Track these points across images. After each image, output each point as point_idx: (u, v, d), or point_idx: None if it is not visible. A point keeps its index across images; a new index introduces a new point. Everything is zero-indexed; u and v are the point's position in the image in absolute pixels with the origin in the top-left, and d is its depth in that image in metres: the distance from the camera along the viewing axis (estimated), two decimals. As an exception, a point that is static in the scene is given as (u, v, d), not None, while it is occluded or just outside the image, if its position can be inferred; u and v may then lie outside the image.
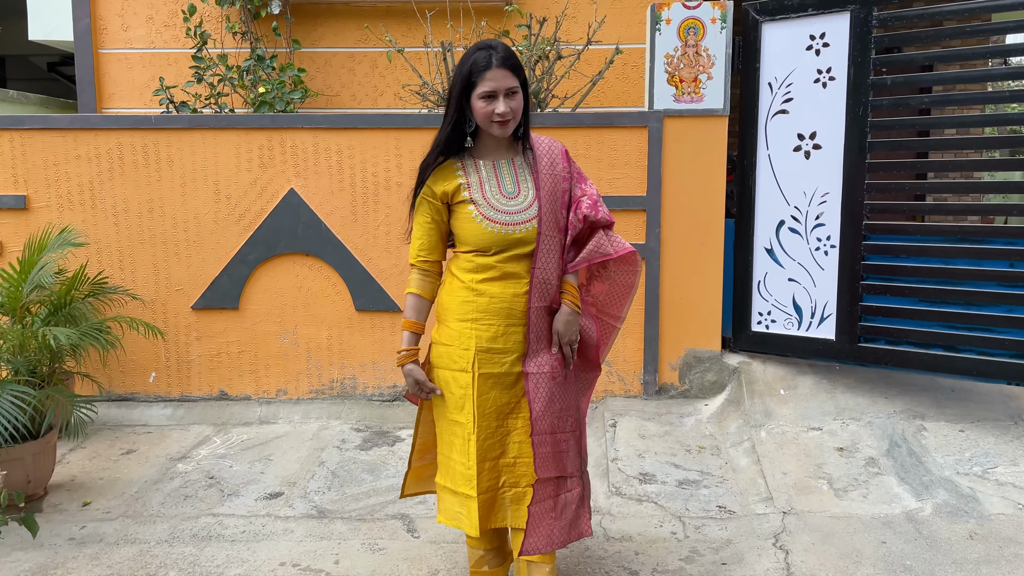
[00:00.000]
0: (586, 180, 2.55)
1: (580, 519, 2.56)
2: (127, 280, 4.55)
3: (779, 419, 4.07)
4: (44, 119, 4.51)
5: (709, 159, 4.31)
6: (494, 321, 2.44)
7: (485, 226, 2.40)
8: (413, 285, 2.54)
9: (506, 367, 2.45)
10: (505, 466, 2.49)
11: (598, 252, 2.49)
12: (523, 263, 2.45)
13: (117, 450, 4.15)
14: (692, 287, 4.39)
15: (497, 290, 2.44)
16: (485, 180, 2.44)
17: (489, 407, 2.45)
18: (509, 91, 2.33)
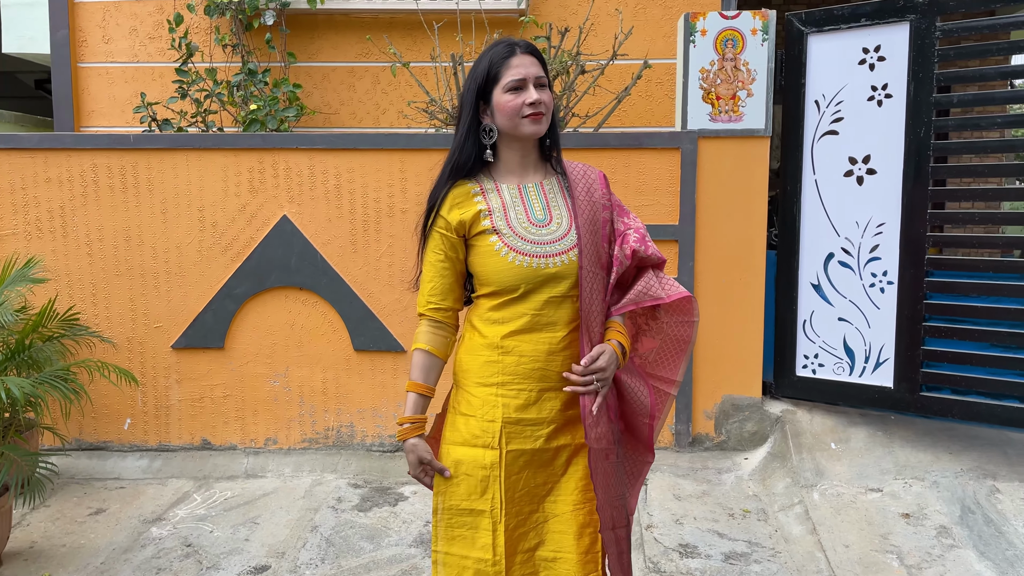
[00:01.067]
0: (628, 213, 2.12)
1: None
2: (100, 316, 4.10)
3: (832, 478, 3.61)
4: (10, 138, 4.08)
5: (749, 184, 3.88)
6: (525, 385, 1.97)
7: (512, 259, 1.95)
8: (421, 339, 2.06)
9: (540, 442, 1.97)
10: (543, 560, 2.00)
11: (647, 295, 2.03)
12: (561, 309, 1.97)
13: (85, 509, 3.68)
14: (729, 327, 3.95)
15: (528, 347, 1.97)
16: (510, 205, 1.99)
17: (520, 490, 1.98)
18: (539, 81, 1.95)
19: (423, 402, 2.04)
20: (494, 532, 1.97)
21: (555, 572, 1.98)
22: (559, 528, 1.99)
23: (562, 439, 2.00)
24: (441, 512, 2.02)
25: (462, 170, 2.01)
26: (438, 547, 2.04)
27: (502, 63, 1.96)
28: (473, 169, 2.03)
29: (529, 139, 2.00)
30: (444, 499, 2.02)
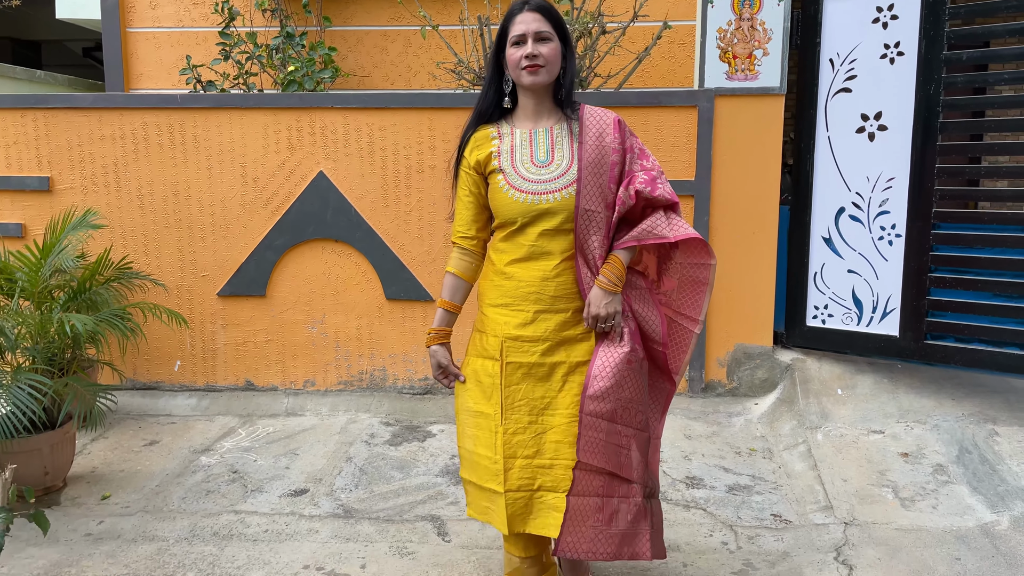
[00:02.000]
0: (648, 156, 2.30)
1: (638, 537, 2.25)
2: (152, 265, 4.40)
3: (837, 421, 3.79)
4: (68, 98, 4.37)
5: (763, 141, 4.03)
6: (523, 307, 2.25)
7: (511, 195, 2.21)
8: (450, 264, 2.39)
9: (536, 356, 2.24)
10: (540, 467, 2.26)
11: (651, 233, 2.21)
12: (555, 241, 2.22)
13: (140, 441, 4.00)
14: (742, 278, 4.12)
15: (525, 273, 2.24)
16: (518, 147, 2.25)
17: (519, 399, 2.25)
18: (539, 35, 2.17)
19: (448, 317, 2.38)
20: (496, 434, 2.26)
21: (551, 477, 2.24)
22: (556, 438, 2.24)
23: (558, 356, 2.24)
24: (459, 413, 2.36)
25: (484, 116, 2.31)
26: (460, 443, 2.38)
27: (510, 20, 2.22)
28: (495, 115, 2.31)
29: (533, 89, 2.21)
30: (461, 401, 2.36)
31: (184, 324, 4.12)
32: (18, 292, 3.61)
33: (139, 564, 2.90)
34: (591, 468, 2.21)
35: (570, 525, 2.21)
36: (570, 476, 2.22)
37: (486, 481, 2.29)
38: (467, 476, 2.37)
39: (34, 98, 4.39)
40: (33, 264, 3.54)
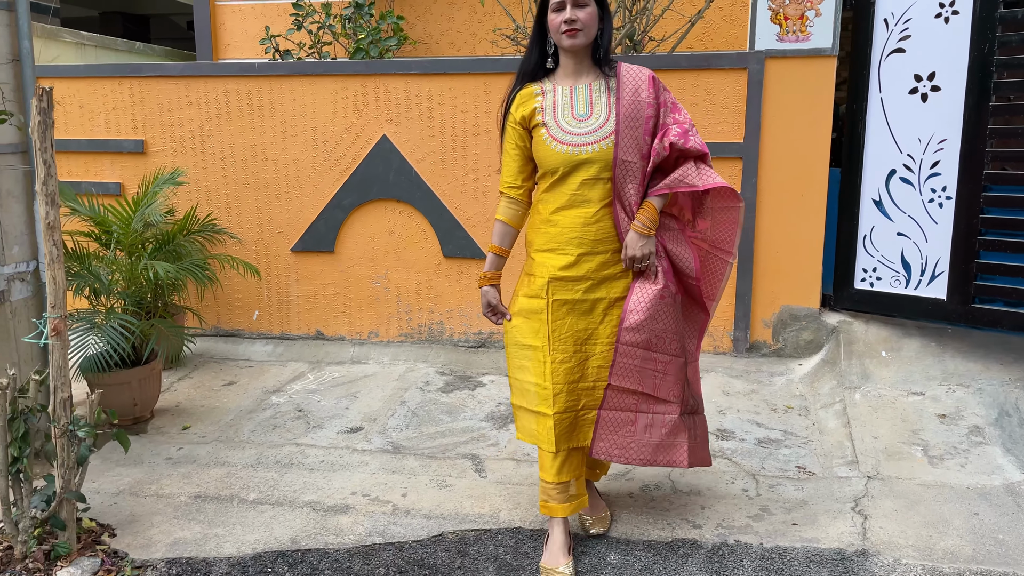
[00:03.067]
0: (680, 110, 2.47)
1: (676, 448, 2.52)
2: (232, 222, 4.78)
3: (877, 382, 3.82)
4: (159, 67, 4.76)
5: (814, 103, 4.03)
6: (567, 250, 2.47)
7: (553, 147, 2.41)
8: (499, 212, 2.60)
9: (579, 293, 2.48)
10: (584, 390, 2.53)
11: (682, 181, 2.41)
12: (594, 189, 2.43)
13: (220, 381, 4.40)
14: (790, 240, 4.15)
15: (567, 221, 2.46)
16: (559, 103, 2.44)
17: (565, 332, 2.49)
18: (577, 1, 2.34)
19: (498, 260, 2.62)
20: (544, 363, 2.50)
21: (593, 397, 2.53)
22: (597, 363, 2.51)
23: (599, 293, 2.49)
24: (509, 346, 2.62)
25: (528, 75, 2.53)
26: (511, 374, 2.63)
27: None
28: (538, 74, 2.52)
29: (572, 50, 2.40)
30: (510, 336, 2.61)
31: (257, 275, 4.48)
32: (114, 243, 4.03)
33: (209, 484, 3.26)
34: (623, 389, 2.48)
35: (601, 432, 2.51)
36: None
37: (536, 405, 2.53)
38: (518, 402, 2.62)
39: (129, 67, 4.80)
40: (124, 217, 3.94)
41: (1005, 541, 2.68)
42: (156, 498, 3.17)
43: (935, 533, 2.73)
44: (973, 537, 2.70)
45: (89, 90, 4.82)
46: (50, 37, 5.06)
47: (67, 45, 5.20)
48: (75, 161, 4.91)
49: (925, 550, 2.64)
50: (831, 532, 2.77)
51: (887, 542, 2.70)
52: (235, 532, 2.91)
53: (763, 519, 2.88)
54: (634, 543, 2.76)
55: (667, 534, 2.81)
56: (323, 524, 2.94)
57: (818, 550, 2.68)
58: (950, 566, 2.55)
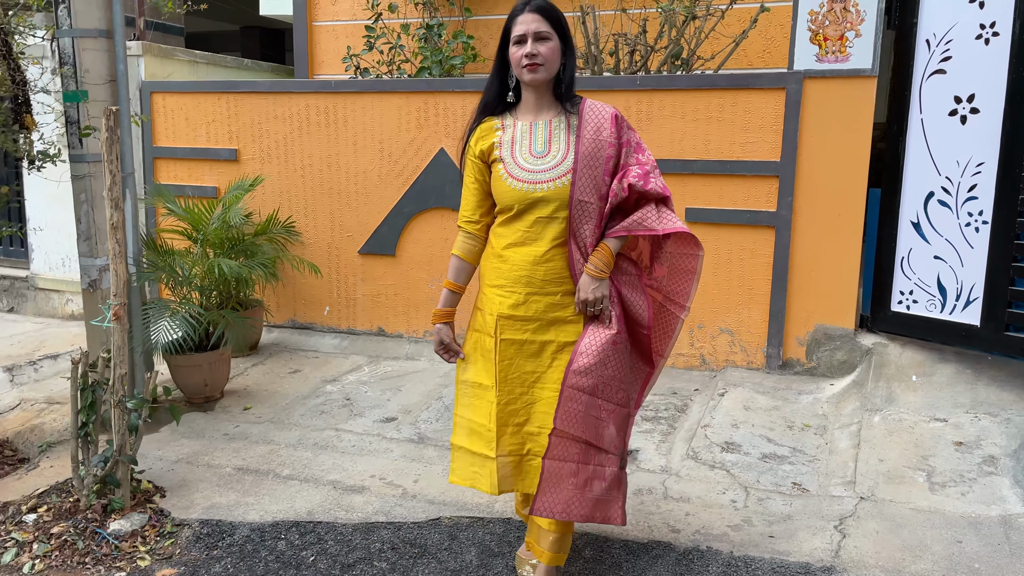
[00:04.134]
0: (643, 151, 2.39)
1: (612, 504, 2.41)
2: (309, 225, 5.24)
3: (901, 406, 3.78)
4: (251, 83, 5.29)
5: (853, 123, 4.02)
6: (516, 288, 2.39)
7: (509, 183, 2.34)
8: (456, 247, 2.53)
9: (528, 334, 2.39)
10: (528, 434, 2.44)
11: (641, 224, 2.32)
12: (548, 228, 2.35)
13: (287, 369, 4.86)
14: (826, 260, 4.16)
15: (518, 258, 2.38)
16: (518, 139, 2.37)
17: (513, 373, 2.41)
18: (538, 35, 2.27)
19: (452, 297, 2.55)
20: (491, 403, 2.43)
21: (538, 443, 2.42)
22: (544, 409, 2.41)
23: (548, 335, 2.39)
24: (460, 384, 2.56)
25: (488, 108, 2.45)
26: (457, 411, 2.57)
27: (512, 20, 2.35)
28: (499, 108, 2.44)
29: (533, 84, 2.33)
30: (461, 373, 2.55)
31: (319, 274, 4.90)
32: (200, 240, 4.55)
33: (253, 459, 3.67)
34: (568, 436, 2.37)
35: (545, 486, 2.38)
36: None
37: (479, 447, 2.47)
38: (459, 443, 2.55)
39: (226, 83, 5.36)
40: (202, 218, 4.45)
41: (979, 571, 2.66)
42: (206, 467, 3.61)
43: (909, 557, 2.75)
44: (947, 564, 2.70)
45: (193, 104, 5.42)
46: (166, 56, 5.71)
47: (181, 63, 5.84)
48: (180, 167, 5.53)
49: (893, 572, 2.67)
50: (805, 547, 2.84)
51: (856, 561, 2.74)
52: (263, 502, 3.29)
53: (742, 529, 2.97)
54: (612, 541, 2.93)
55: (645, 536, 2.96)
56: (338, 501, 3.28)
57: (785, 563, 2.75)
58: (912, 589, 2.58)
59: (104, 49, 3.89)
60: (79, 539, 3.03)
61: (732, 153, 4.22)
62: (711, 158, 4.26)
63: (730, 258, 4.31)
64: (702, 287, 4.38)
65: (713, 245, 4.32)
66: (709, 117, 4.23)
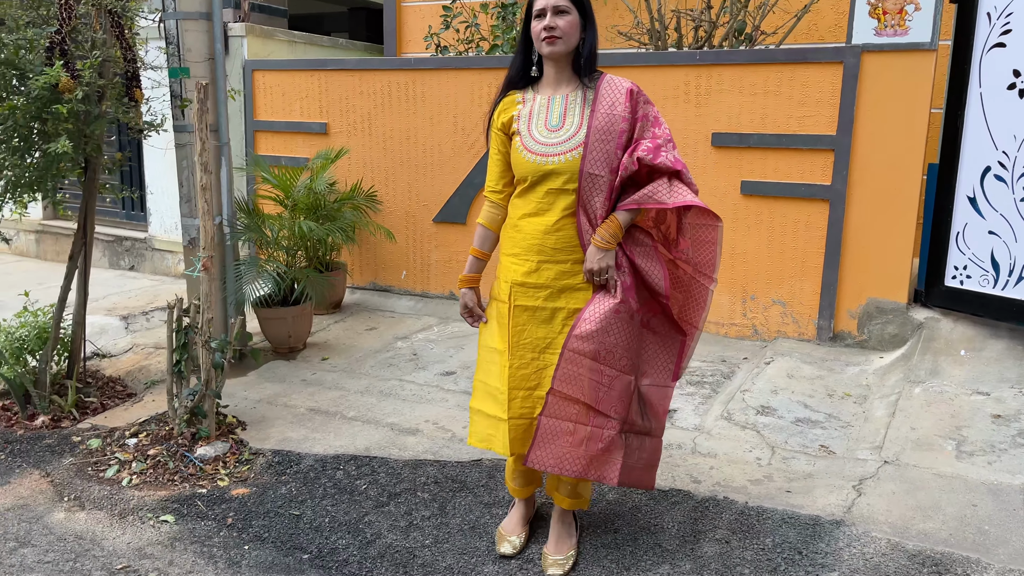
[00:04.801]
0: (659, 124, 2.45)
1: (609, 464, 2.50)
2: (389, 194, 5.61)
3: (945, 379, 3.80)
4: (339, 61, 5.69)
5: (911, 97, 4.02)
6: (529, 257, 2.49)
7: (524, 156, 2.45)
8: (481, 216, 2.66)
9: (539, 301, 2.49)
10: (539, 398, 2.52)
11: (651, 198, 2.39)
12: (562, 199, 2.45)
13: (364, 326, 5.26)
14: (880, 234, 4.18)
15: (530, 227, 2.49)
16: (536, 113, 2.47)
17: (525, 339, 2.51)
18: (557, 9, 2.36)
19: (477, 263, 2.69)
20: (504, 368, 2.54)
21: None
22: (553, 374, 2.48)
23: (559, 302, 2.49)
24: (480, 349, 2.70)
25: (512, 83, 2.56)
26: (477, 375, 2.72)
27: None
28: (523, 83, 2.53)
29: (552, 58, 2.42)
30: (481, 339, 2.70)
31: (393, 239, 5.27)
32: (288, 205, 4.99)
33: (324, 402, 4.07)
34: (566, 396, 2.47)
35: (540, 441, 2.50)
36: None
37: (494, 410, 2.58)
38: (476, 406, 2.67)
39: (317, 62, 5.78)
40: (290, 185, 4.87)
41: (988, 532, 2.74)
42: (283, 407, 4.03)
43: (920, 516, 2.85)
44: (957, 524, 2.79)
45: (289, 81, 5.87)
46: (268, 36, 6.18)
47: (280, 43, 6.30)
48: (277, 139, 6.00)
49: (901, 528, 2.78)
50: (819, 502, 2.98)
51: (866, 517, 2.86)
52: (328, 438, 3.68)
53: (761, 484, 3.13)
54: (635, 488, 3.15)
55: (667, 484, 3.16)
56: (393, 440, 3.63)
57: (796, 515, 2.91)
58: (915, 544, 2.69)
59: (204, 30, 4.33)
60: (170, 460, 3.49)
61: (788, 127, 4.29)
62: (768, 132, 4.35)
63: (784, 231, 4.39)
64: (755, 259, 4.49)
65: (768, 218, 4.41)
66: (767, 91, 4.30)
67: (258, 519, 3.07)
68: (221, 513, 3.12)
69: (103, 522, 3.09)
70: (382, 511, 3.08)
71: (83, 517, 3.13)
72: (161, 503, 3.20)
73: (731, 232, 4.51)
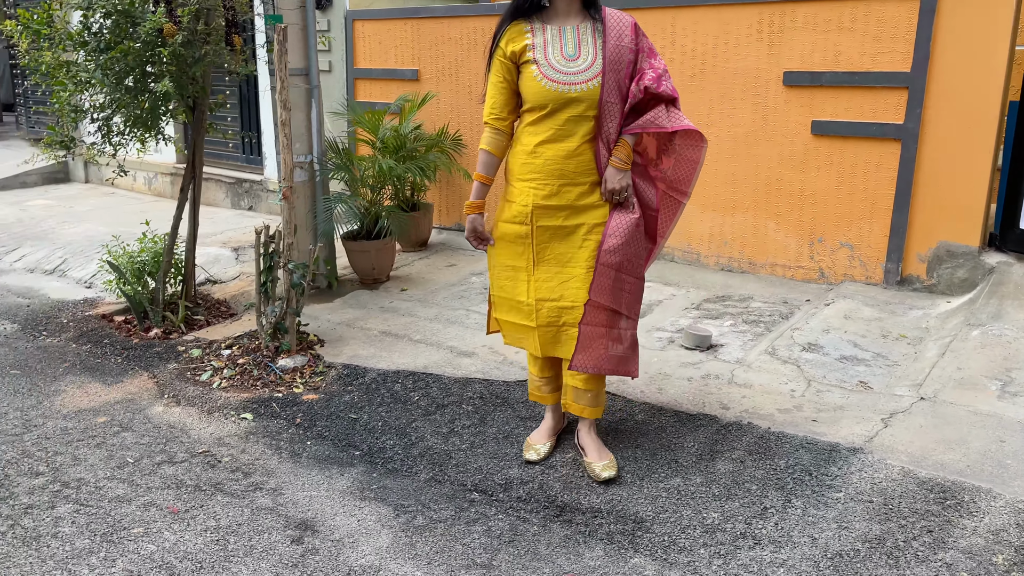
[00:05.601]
0: (656, 55, 2.64)
1: (630, 359, 2.82)
2: (474, 138, 5.85)
3: (1006, 322, 3.69)
4: (429, 10, 5.94)
5: (990, 33, 3.84)
6: (549, 181, 2.68)
7: (544, 84, 2.58)
8: (484, 142, 2.77)
9: (561, 220, 2.71)
10: (563, 308, 2.76)
11: (653, 123, 2.61)
12: (579, 126, 2.63)
13: (445, 263, 5.57)
14: (954, 175, 4.05)
15: (551, 153, 2.65)
16: (550, 42, 2.61)
17: (549, 255, 2.74)
18: None
19: (483, 189, 2.83)
20: (528, 282, 2.79)
21: (573, 315, 2.75)
22: (576, 285, 2.74)
23: (579, 219, 2.70)
24: (493, 268, 2.92)
25: (519, 11, 2.66)
26: (492, 291, 2.94)
27: None
28: (531, 11, 2.65)
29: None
30: (494, 258, 2.91)
31: (469, 179, 5.50)
32: (379, 146, 5.33)
33: (396, 326, 4.41)
34: (599, 305, 2.71)
35: (582, 346, 2.75)
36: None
37: (521, 319, 2.85)
38: (503, 316, 2.93)
39: (410, 10, 6.05)
40: (372, 127, 5.20)
41: (1009, 465, 2.73)
42: (359, 329, 4.41)
43: (942, 447, 2.86)
44: (979, 457, 2.79)
45: (384, 29, 6.18)
46: (368, -13, 6.52)
47: (380, -7, 6.63)
48: (374, 86, 6.35)
49: (919, 458, 2.81)
50: (842, 432, 3.03)
51: (887, 446, 2.90)
52: (392, 356, 4.01)
53: (789, 413, 3.21)
54: (664, 410, 3.31)
55: (697, 409, 3.30)
56: (450, 361, 3.92)
57: (816, 441, 2.98)
58: (928, 472, 2.72)
59: (297, -20, 4.68)
60: (255, 369, 3.93)
61: (862, 64, 4.19)
62: (840, 70, 4.26)
63: (854, 172, 4.32)
64: (824, 200, 4.44)
65: (838, 159, 4.35)
66: (841, 27, 4.21)
67: (322, 420, 3.44)
68: (292, 414, 3.51)
69: (193, 416, 3.55)
70: (428, 419, 3.38)
71: (177, 411, 3.60)
72: (243, 403, 3.63)
73: (800, 173, 4.47)
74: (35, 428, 3.44)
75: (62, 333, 4.61)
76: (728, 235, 4.83)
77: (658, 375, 3.60)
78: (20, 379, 3.96)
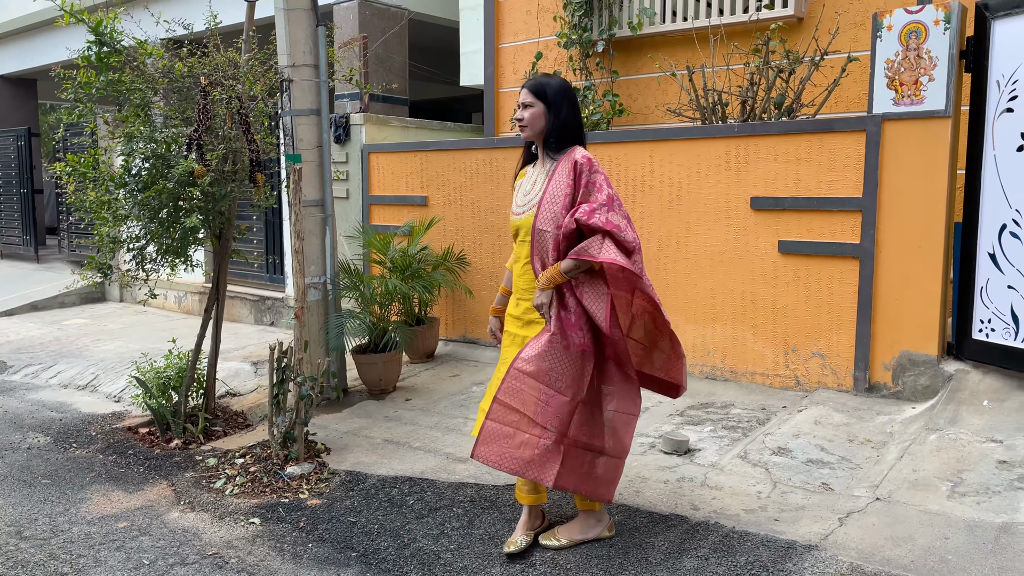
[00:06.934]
0: (601, 191, 2.90)
1: (545, 468, 2.97)
2: (477, 258, 6.32)
3: (962, 427, 3.93)
4: (435, 143, 6.54)
5: (930, 161, 4.27)
6: (516, 294, 3.22)
7: (510, 215, 3.18)
8: (509, 261, 3.33)
9: (515, 328, 3.19)
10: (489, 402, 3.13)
11: (586, 251, 2.87)
12: (524, 248, 3.08)
13: (449, 373, 5.93)
14: (909, 289, 4.39)
15: (515, 271, 3.19)
16: (524, 183, 3.17)
17: (506, 356, 3.20)
18: (524, 104, 3.04)
19: (502, 298, 3.41)
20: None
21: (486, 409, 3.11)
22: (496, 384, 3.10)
23: (525, 331, 3.13)
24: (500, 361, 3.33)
25: (525, 159, 3.26)
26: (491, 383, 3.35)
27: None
28: (530, 159, 3.22)
29: (530, 140, 3.09)
30: (501, 353, 3.33)
31: (471, 295, 5.93)
32: (388, 266, 5.80)
33: (398, 434, 4.73)
34: (507, 406, 3.00)
35: (483, 439, 3.03)
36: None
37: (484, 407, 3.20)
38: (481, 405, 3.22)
39: (419, 144, 6.66)
40: (382, 248, 5.68)
41: (949, 561, 2.95)
42: (363, 438, 4.73)
43: (890, 545, 3.09)
44: (922, 553, 3.01)
45: (397, 160, 6.77)
46: (383, 123, 7.17)
47: (394, 128, 7.27)
48: (387, 210, 6.90)
49: (868, 554, 3.04)
50: (800, 531, 3.27)
51: (839, 544, 3.13)
52: (392, 463, 4.32)
53: (754, 513, 3.46)
54: (639, 511, 3.56)
55: (669, 510, 3.55)
56: (445, 467, 4.22)
57: (775, 539, 3.22)
58: (874, 567, 2.94)
59: (314, 124, 5.27)
60: (265, 476, 4.25)
61: (819, 190, 4.62)
62: (800, 195, 4.69)
63: (820, 287, 4.68)
64: (794, 313, 4.78)
65: (804, 275, 4.72)
66: (799, 158, 4.67)
67: (323, 524, 3.73)
68: (296, 518, 3.81)
69: (206, 521, 3.85)
70: (421, 521, 3.66)
71: (192, 516, 3.91)
72: (252, 509, 3.93)
73: (772, 288, 4.84)
74: (61, 533, 3.75)
75: (90, 445, 4.98)
76: (710, 345, 5.16)
77: (636, 478, 3.86)
78: (50, 488, 4.30)
